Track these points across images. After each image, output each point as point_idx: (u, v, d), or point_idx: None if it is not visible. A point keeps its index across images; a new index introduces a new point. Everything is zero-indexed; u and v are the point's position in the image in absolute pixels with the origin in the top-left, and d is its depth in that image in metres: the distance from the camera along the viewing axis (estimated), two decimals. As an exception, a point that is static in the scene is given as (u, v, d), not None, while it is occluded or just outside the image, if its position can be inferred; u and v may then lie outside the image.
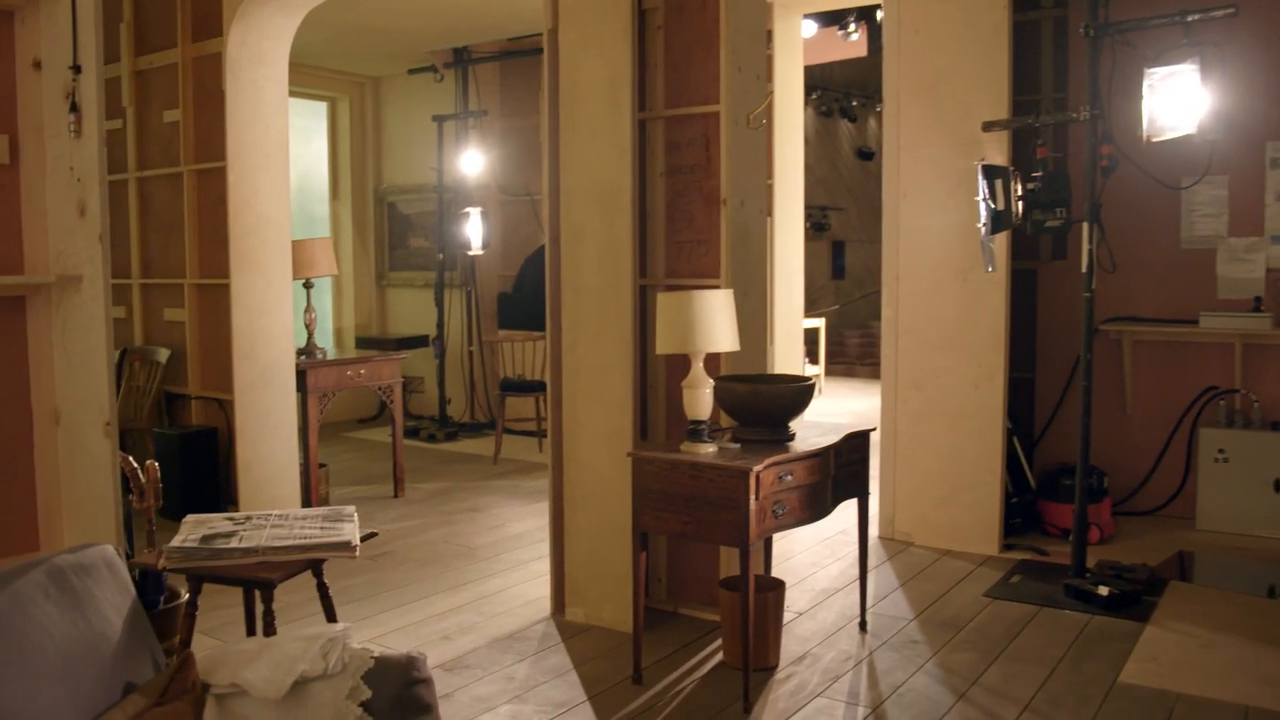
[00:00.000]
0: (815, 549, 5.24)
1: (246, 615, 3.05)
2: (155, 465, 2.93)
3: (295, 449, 5.90)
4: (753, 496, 3.30)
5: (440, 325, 9.21)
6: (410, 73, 9.46)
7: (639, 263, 4.30)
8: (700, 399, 3.53)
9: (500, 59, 9.04)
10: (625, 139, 4.08)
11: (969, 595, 4.52)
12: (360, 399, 9.64)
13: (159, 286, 6.53)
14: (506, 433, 8.46)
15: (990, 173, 4.62)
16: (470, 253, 8.76)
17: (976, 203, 4.65)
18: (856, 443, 3.93)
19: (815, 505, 3.64)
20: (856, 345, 14.57)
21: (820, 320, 11.97)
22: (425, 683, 2.25)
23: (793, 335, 7.87)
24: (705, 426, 3.55)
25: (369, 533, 2.96)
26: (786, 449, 3.56)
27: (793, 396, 3.64)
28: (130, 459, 2.87)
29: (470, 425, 9.20)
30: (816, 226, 14.79)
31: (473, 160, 8.78)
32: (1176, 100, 4.41)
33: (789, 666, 3.78)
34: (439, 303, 9.21)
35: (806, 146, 8.31)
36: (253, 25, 5.57)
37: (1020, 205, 4.66)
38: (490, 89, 9.22)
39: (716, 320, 3.48)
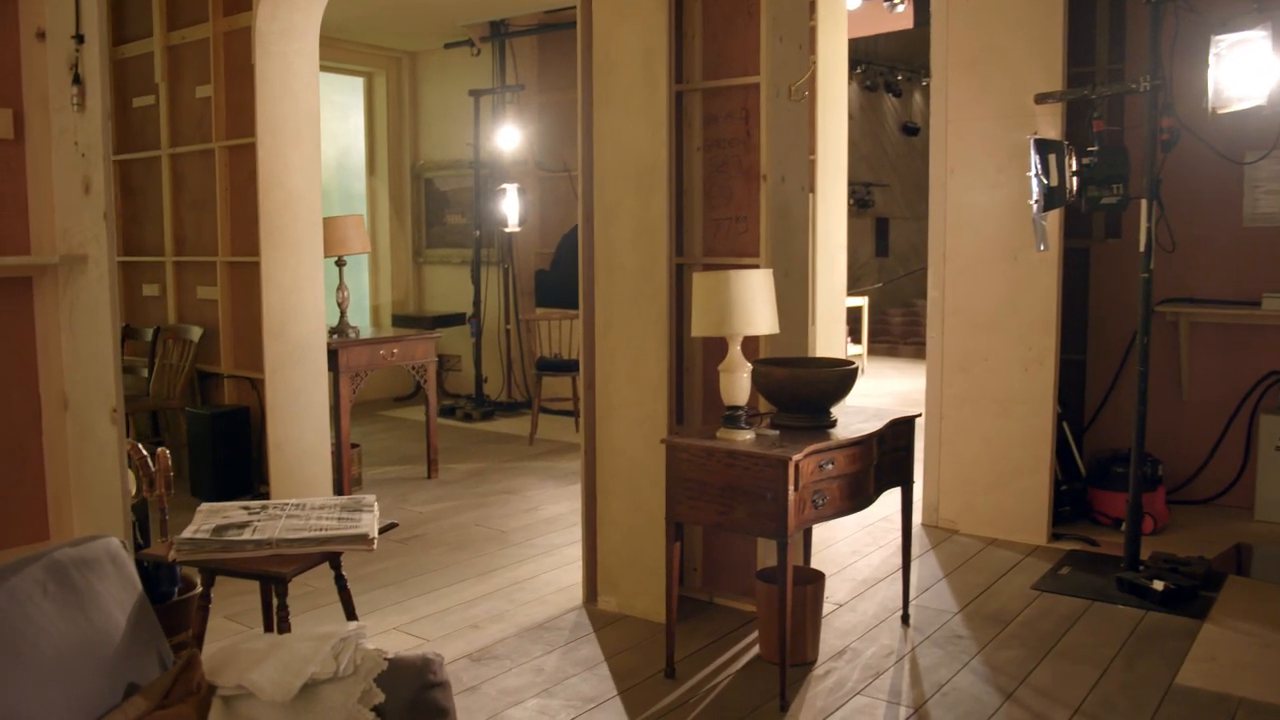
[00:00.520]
0: (856, 536, 5.09)
1: (264, 607, 2.95)
2: (165, 453, 2.84)
3: (327, 429, 5.82)
4: (791, 486, 3.15)
5: (477, 303, 9.11)
6: (447, 47, 9.32)
7: (675, 241, 4.15)
8: (737, 384, 3.38)
9: (538, 32, 8.89)
10: (661, 112, 3.93)
11: (1016, 587, 4.35)
12: (396, 377, 9.57)
13: (192, 264, 6.47)
14: (543, 412, 8.36)
15: (1043, 147, 4.42)
16: (507, 229, 8.64)
17: (1028, 179, 4.45)
18: (901, 429, 3.76)
19: (857, 495, 3.49)
20: (900, 324, 14.33)
21: (863, 299, 11.75)
22: (442, 686, 2.13)
23: (835, 315, 7.68)
24: (742, 412, 3.40)
25: (388, 524, 2.85)
26: (827, 436, 3.41)
27: (835, 381, 3.48)
28: (139, 446, 2.77)
29: (507, 404, 9.10)
30: (860, 203, 14.54)
31: (510, 135, 8.65)
32: (1245, 69, 4.18)
33: (828, 662, 3.63)
34: (475, 280, 9.11)
35: (850, 122, 8.10)
36: (283, -1, 5.46)
37: (1075, 181, 4.45)
38: (528, 63, 9.07)
39: (755, 301, 3.33)
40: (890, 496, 4.06)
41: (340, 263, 6.20)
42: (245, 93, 5.67)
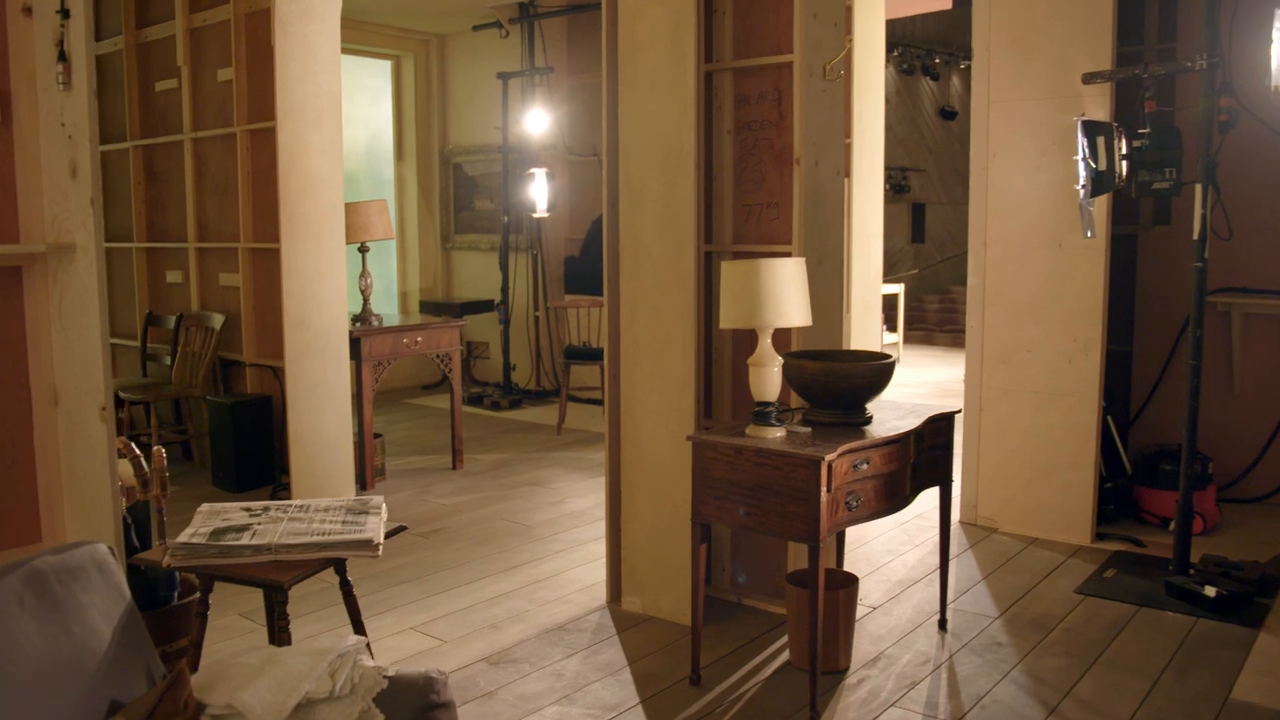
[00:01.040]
0: (891, 534, 4.91)
1: (268, 613, 2.82)
2: (161, 451, 2.71)
3: (349, 419, 5.70)
4: (824, 488, 2.98)
5: (505, 290, 8.98)
6: (475, 29, 9.17)
7: (704, 228, 3.99)
8: (767, 378, 3.21)
9: (567, 13, 8.71)
10: (689, 93, 3.75)
11: (1059, 591, 4.16)
12: (423, 365, 9.46)
13: (214, 251, 6.37)
14: (571, 401, 8.23)
15: (1091, 129, 4.21)
16: (535, 215, 8.50)
17: (1075, 162, 4.25)
18: (940, 426, 3.58)
19: (893, 495, 3.32)
20: (936, 311, 14.08)
21: (899, 286, 11.51)
22: (445, 706, 1.99)
23: (870, 303, 7.48)
24: (773, 408, 3.23)
25: (396, 527, 2.71)
26: (862, 434, 3.24)
27: (870, 376, 3.30)
28: (132, 445, 2.65)
29: (535, 392, 8.98)
30: (896, 188, 14.29)
31: (538, 119, 8.49)
32: (1308, 47, 3.95)
33: (861, 670, 3.47)
34: (504, 267, 8.97)
35: (887, 105, 7.88)
36: (303, -23, 5.32)
37: (1124, 165, 4.24)
38: (557, 45, 8.90)
39: (786, 292, 3.15)
40: (927, 491, 3.89)
41: (363, 249, 6.08)
42: (266, 75, 5.55)
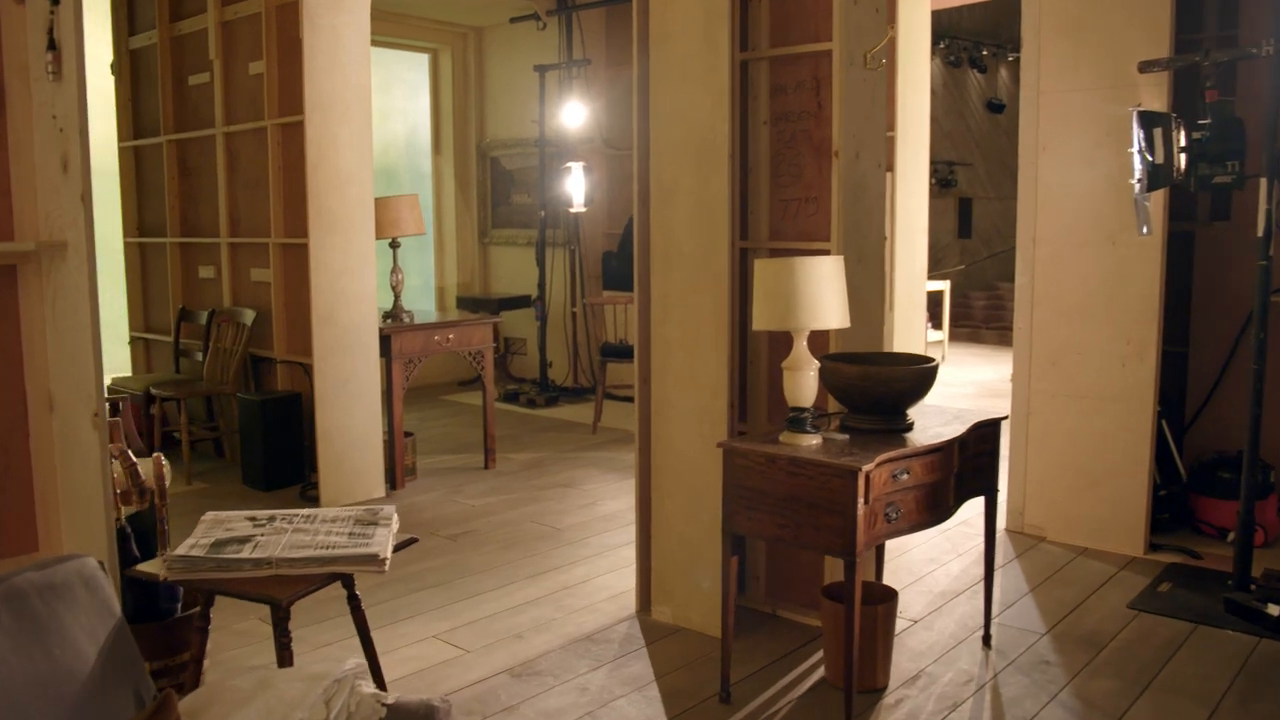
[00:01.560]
0: (934, 542, 4.73)
1: (275, 627, 2.71)
2: (160, 458, 2.61)
3: (378, 417, 5.61)
4: (861, 499, 2.82)
5: (542, 285, 8.86)
6: (513, 21, 9.05)
7: (739, 224, 3.83)
8: (802, 383, 3.05)
9: (606, 4, 8.57)
10: (722, 83, 3.59)
11: (1110, 605, 3.96)
12: (459, 360, 9.36)
13: (246, 246, 6.30)
14: (608, 399, 8.09)
15: (1147, 120, 4.00)
16: (572, 210, 8.37)
17: (1130, 155, 4.05)
18: (985, 432, 3.40)
19: (935, 507, 3.14)
20: (982, 308, 13.79)
21: (944, 283, 11.27)
22: (448, 738, 1.86)
23: (914, 301, 7.29)
24: (808, 414, 3.07)
25: (406, 539, 2.58)
26: (903, 441, 3.07)
27: (912, 381, 3.13)
28: (128, 452, 2.55)
29: (572, 390, 8.86)
30: (942, 183, 14.02)
31: (575, 112, 8.35)
32: (1382, 32, 3.71)
33: (900, 689, 3.30)
34: (540, 262, 8.85)
35: (933, 99, 7.68)
36: (332, -32, 5.22)
37: (1183, 158, 4.03)
38: (595, 36, 8.76)
39: (823, 292, 2.99)
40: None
41: (394, 244, 5.98)
42: (296, 68, 5.46)
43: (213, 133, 6.38)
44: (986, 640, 3.62)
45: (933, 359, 3.26)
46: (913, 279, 7.23)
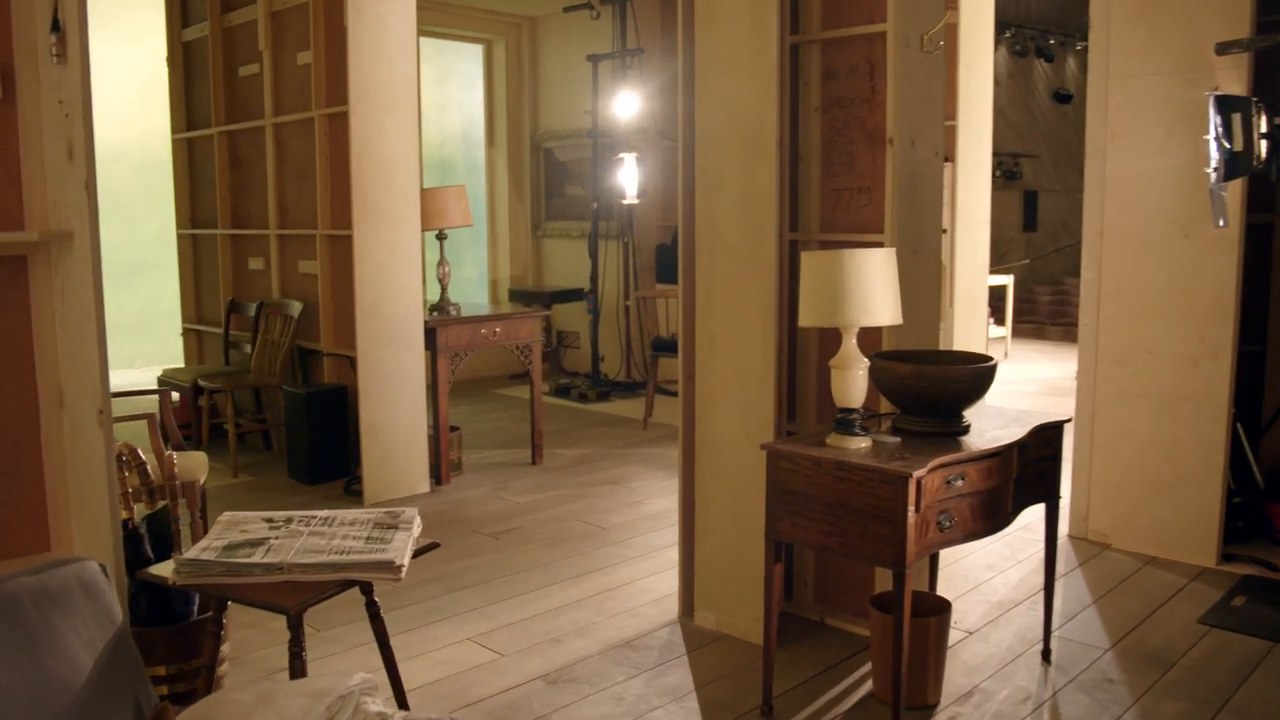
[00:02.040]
0: (992, 548, 4.53)
1: (291, 635, 2.61)
2: (173, 456, 2.53)
3: (423, 411, 5.53)
4: (911, 507, 2.66)
5: (594, 278, 8.74)
6: (566, 11, 8.93)
7: (789, 215, 3.68)
8: (851, 383, 2.89)
9: (661, -7, 8.43)
10: (770, 67, 3.43)
11: (1180, 620, 3.75)
12: (511, 353, 9.28)
13: (294, 237, 6.26)
14: (659, 394, 7.94)
15: (1226, 105, 3.77)
16: (625, 201, 8.24)
17: (1206, 143, 3.82)
18: (1047, 436, 3.21)
19: (992, 515, 2.97)
20: (1048, 303, 13.44)
21: (1008, 277, 10.97)
22: (457, 763, 1.74)
23: (975, 296, 7.05)
24: (857, 416, 2.91)
25: (428, 544, 2.47)
26: (958, 445, 2.90)
27: (968, 381, 2.96)
28: (138, 451, 2.47)
29: (625, 384, 8.74)
30: (1007, 175, 13.68)
31: (628, 102, 8.21)
32: None
33: (952, 706, 3.13)
34: (593, 255, 8.73)
35: (998, 89, 7.43)
36: (378, -45, 5.14)
37: (1264, 145, 3.79)
38: (650, 25, 8.61)
39: (873, 286, 2.83)
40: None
41: (441, 236, 5.89)
42: (343, 58, 5.38)
43: (262, 124, 6.35)
44: (1046, 655, 3.43)
45: (991, 358, 3.08)
46: (974, 273, 6.99)
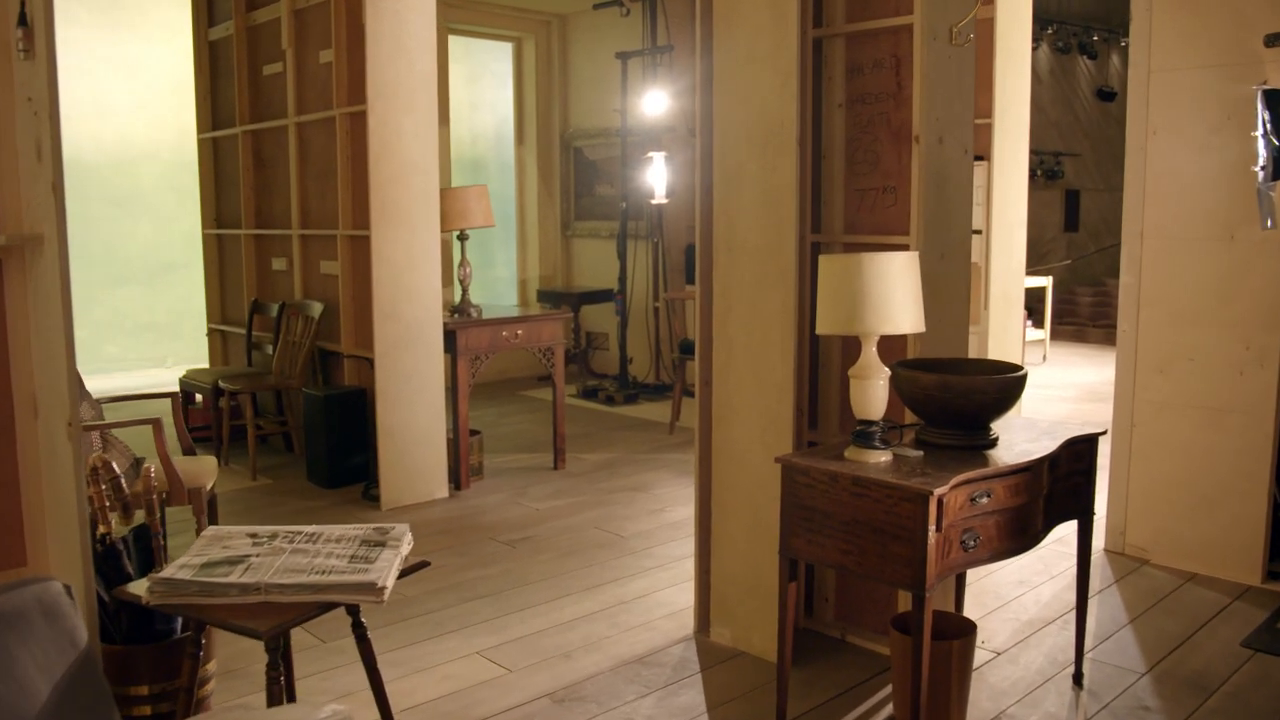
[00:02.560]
0: (1023, 562, 4.35)
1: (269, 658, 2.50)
2: (152, 469, 2.43)
3: (442, 415, 5.44)
4: (932, 526, 2.51)
5: (622, 279, 8.62)
6: (596, 8, 8.81)
7: (811, 215, 3.54)
8: (870, 393, 2.75)
9: (691, -11, 8.28)
10: (790, 61, 3.29)
11: (1222, 642, 3.56)
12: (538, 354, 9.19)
13: (316, 238, 6.19)
14: (687, 396, 7.80)
15: (1274, 100, 3.59)
16: (654, 201, 8.11)
17: (1253, 139, 3.64)
18: (1080, 450, 3.05)
19: (1020, 533, 2.81)
20: (1089, 305, 13.15)
21: (1047, 279, 10.72)
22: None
23: (1011, 298, 6.86)
24: (877, 428, 2.77)
25: (417, 563, 2.35)
26: (984, 460, 2.74)
27: (996, 392, 2.81)
28: (112, 463, 2.37)
29: (654, 387, 8.61)
30: (1049, 174, 13.41)
31: (656, 100, 8.07)
32: None
33: (978, 732, 2.98)
34: (621, 255, 8.61)
35: (1040, 86, 7.24)
36: (396, -50, 5.04)
37: (1314, 143, 3.61)
38: (680, 22, 8.47)
39: (893, 291, 2.69)
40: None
41: (462, 237, 5.79)
42: (363, 56, 5.30)
43: (285, 123, 6.28)
44: (1078, 679, 3.26)
45: (1021, 367, 2.92)
46: (1010, 275, 6.81)
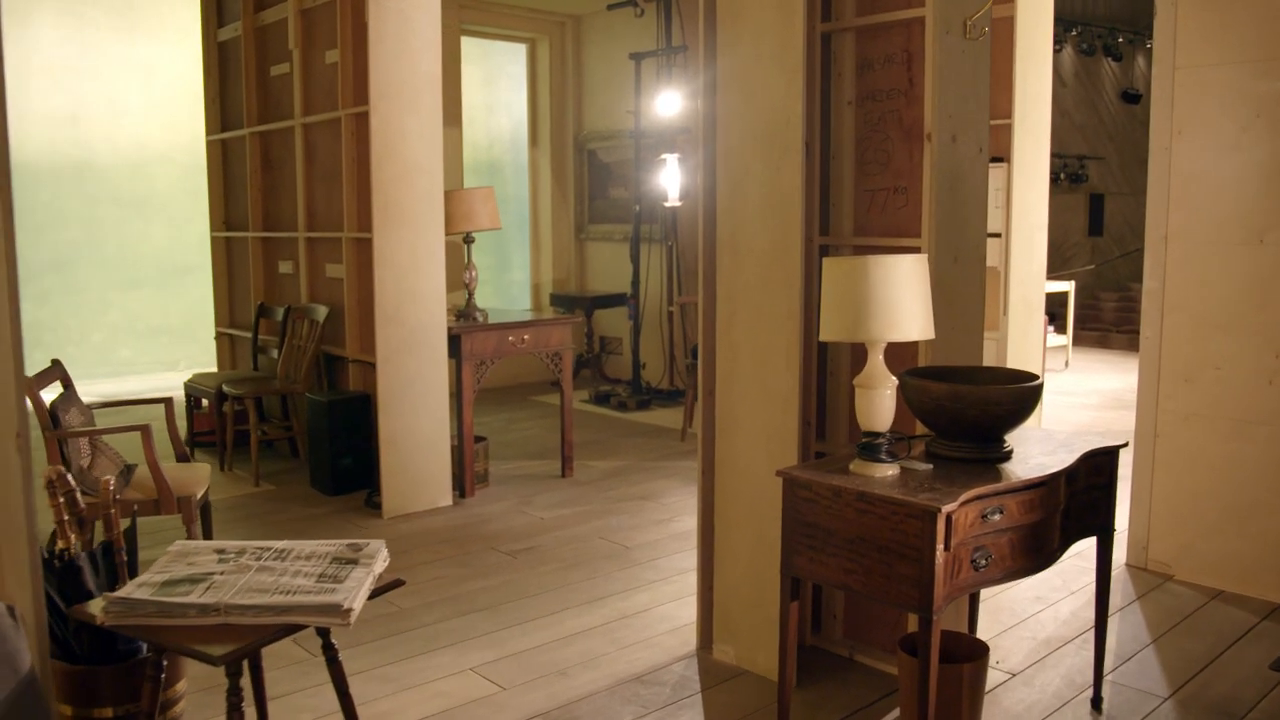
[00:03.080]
0: (1041, 577, 4.17)
1: (252, 675, 2.38)
2: (110, 482, 2.32)
3: (446, 421, 5.32)
4: (940, 545, 2.37)
5: (635, 283, 8.50)
6: (610, 9, 8.71)
7: (819, 216, 3.40)
8: (876, 404, 2.62)
9: (705, -11, 8.14)
10: (796, 56, 3.16)
11: (1249, 665, 3.40)
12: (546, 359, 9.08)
13: (322, 241, 6.10)
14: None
15: (1305, 99, 3.43)
16: (667, 204, 7.99)
17: (1283, 140, 3.48)
18: (1099, 463, 2.90)
19: (1036, 551, 2.66)
20: (1113, 310, 12.95)
21: (1069, 283, 10.53)
22: None
23: (1032, 303, 6.69)
24: (884, 441, 2.63)
25: (391, 583, 2.23)
26: (998, 474, 2.60)
27: (1010, 403, 2.66)
28: (69, 477, 2.26)
29: (667, 392, 8.48)
30: (1073, 178, 13.21)
31: (669, 101, 7.95)
32: None
33: (990, 761, 2.83)
34: (634, 259, 8.50)
35: (1064, 89, 7.07)
36: (399, -52, 4.94)
37: (1347, 142, 3.44)
38: (694, 22, 8.31)
39: (900, 297, 2.55)
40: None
41: (468, 239, 5.68)
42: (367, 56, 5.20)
43: (292, 124, 6.19)
44: (1096, 703, 3.11)
45: (1036, 376, 2.78)
46: (1030, 279, 6.64)
